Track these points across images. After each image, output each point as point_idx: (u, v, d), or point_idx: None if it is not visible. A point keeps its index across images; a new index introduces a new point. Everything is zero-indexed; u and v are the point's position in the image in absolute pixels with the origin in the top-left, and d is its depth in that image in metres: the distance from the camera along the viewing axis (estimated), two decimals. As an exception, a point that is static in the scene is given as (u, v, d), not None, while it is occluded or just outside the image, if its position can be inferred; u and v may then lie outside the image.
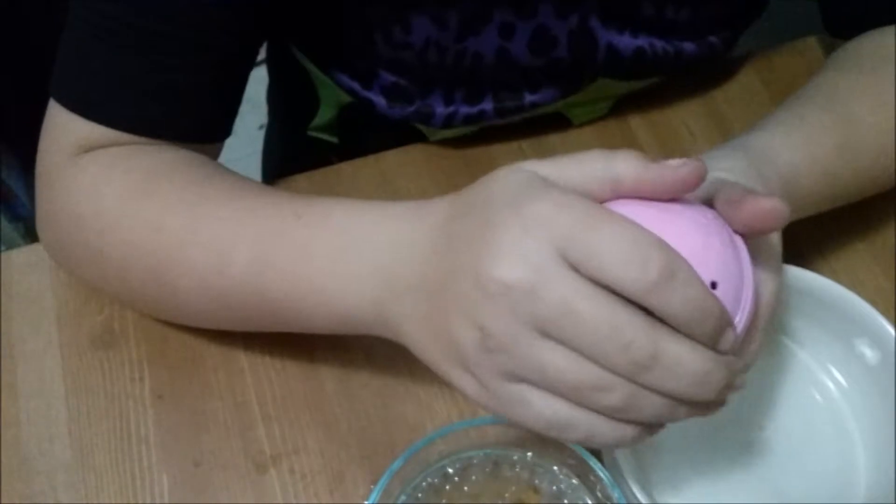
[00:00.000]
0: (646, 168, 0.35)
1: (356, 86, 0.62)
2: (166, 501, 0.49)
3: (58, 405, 0.52)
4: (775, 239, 0.42)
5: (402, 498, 0.45)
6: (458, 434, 0.44)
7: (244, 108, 0.55)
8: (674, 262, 0.32)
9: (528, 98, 0.61)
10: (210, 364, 0.53)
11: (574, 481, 0.45)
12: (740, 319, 0.36)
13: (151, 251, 0.47)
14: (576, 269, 0.32)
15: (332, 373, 0.53)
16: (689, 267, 0.33)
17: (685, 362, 0.32)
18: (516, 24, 0.56)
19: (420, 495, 0.45)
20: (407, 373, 0.53)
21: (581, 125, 0.65)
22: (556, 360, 0.33)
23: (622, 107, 0.65)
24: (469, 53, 0.57)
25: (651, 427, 0.35)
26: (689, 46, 0.60)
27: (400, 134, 0.65)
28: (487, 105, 0.61)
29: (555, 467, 0.45)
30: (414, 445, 0.43)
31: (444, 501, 0.45)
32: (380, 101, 0.62)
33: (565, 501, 0.45)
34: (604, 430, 0.34)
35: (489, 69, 0.58)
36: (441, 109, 0.61)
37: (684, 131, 0.64)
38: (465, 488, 0.45)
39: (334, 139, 0.72)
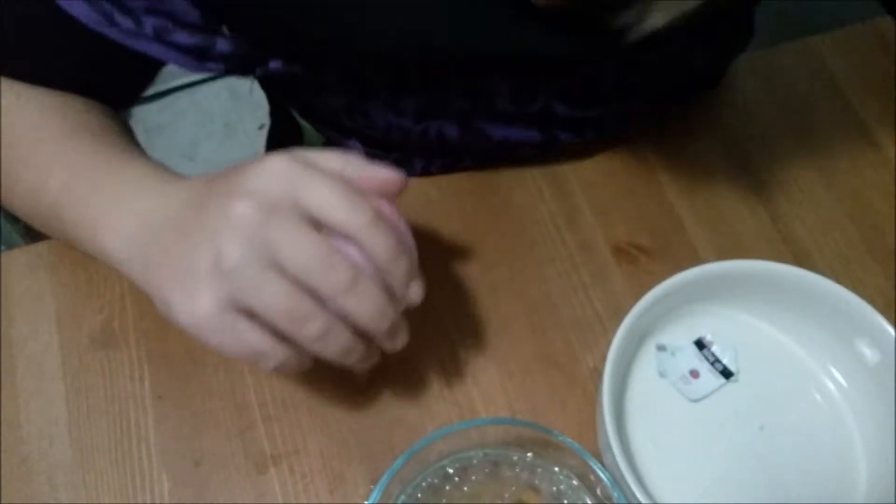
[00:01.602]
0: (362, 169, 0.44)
1: (334, 136, 0.63)
2: (166, 501, 0.49)
3: (58, 405, 0.52)
4: None
5: (402, 498, 0.45)
6: (458, 434, 0.44)
7: (244, 108, 0.55)
8: (377, 213, 0.41)
9: (505, 147, 0.60)
10: (210, 364, 0.53)
11: (574, 482, 0.45)
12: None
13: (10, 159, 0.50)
14: (306, 213, 0.40)
15: (332, 373, 0.53)
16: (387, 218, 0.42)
17: (374, 293, 0.41)
18: (473, 111, 0.56)
19: (420, 495, 0.45)
20: (407, 374, 0.53)
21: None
22: (275, 286, 0.39)
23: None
24: (432, 131, 0.57)
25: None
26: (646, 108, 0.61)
27: None
28: (467, 161, 0.61)
29: (555, 468, 0.45)
30: (414, 445, 0.43)
31: (443, 501, 0.45)
32: (358, 148, 0.62)
33: (565, 502, 0.45)
34: (291, 361, 0.42)
35: (457, 141, 0.58)
36: (419, 162, 0.61)
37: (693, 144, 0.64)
38: (465, 488, 0.45)
39: None
